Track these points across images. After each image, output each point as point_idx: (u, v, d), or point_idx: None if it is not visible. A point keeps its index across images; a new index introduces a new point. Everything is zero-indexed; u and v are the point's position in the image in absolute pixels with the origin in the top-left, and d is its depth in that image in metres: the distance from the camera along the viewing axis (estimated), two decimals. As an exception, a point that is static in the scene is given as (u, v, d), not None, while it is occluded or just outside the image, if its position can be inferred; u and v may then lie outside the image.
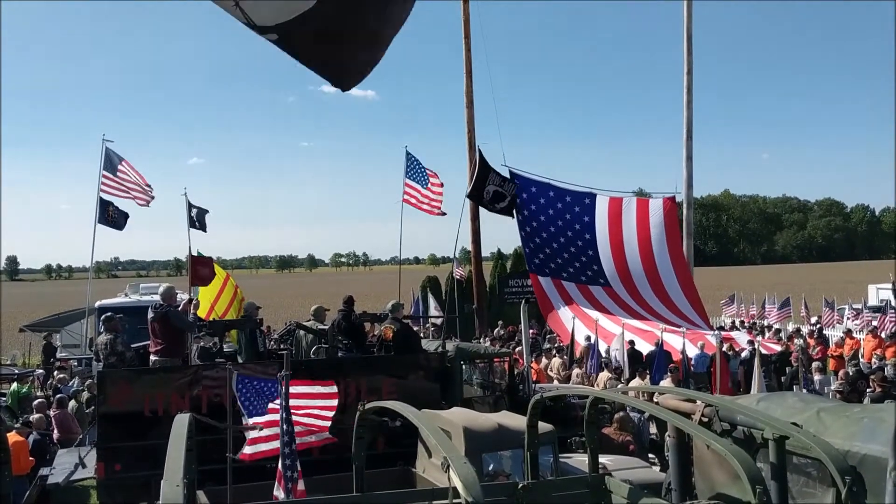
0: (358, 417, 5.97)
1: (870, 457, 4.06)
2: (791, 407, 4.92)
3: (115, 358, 11.06)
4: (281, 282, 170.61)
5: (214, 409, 9.56)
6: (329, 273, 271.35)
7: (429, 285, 33.78)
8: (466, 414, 8.91)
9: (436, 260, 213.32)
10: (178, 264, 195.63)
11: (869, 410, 4.71)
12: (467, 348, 13.54)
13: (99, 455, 10.32)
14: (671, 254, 22.26)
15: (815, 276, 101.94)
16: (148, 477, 8.94)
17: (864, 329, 27.54)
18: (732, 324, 32.47)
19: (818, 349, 22.41)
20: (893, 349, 21.27)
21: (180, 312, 11.44)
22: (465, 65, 25.49)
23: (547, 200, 21.94)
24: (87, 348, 22.77)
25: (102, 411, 10.48)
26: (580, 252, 22.10)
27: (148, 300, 17.75)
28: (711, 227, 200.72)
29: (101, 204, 20.47)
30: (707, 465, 5.32)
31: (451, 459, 3.66)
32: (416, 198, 19.84)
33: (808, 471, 4.43)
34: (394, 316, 12.43)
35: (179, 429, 4.19)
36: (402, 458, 9.04)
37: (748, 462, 3.89)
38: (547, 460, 8.05)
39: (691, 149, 23.69)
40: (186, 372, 10.72)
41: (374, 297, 56.99)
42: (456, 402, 11.11)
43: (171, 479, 3.44)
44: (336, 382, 10.74)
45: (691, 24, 23.56)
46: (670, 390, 8.50)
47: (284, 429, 5.32)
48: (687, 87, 23.63)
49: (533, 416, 5.87)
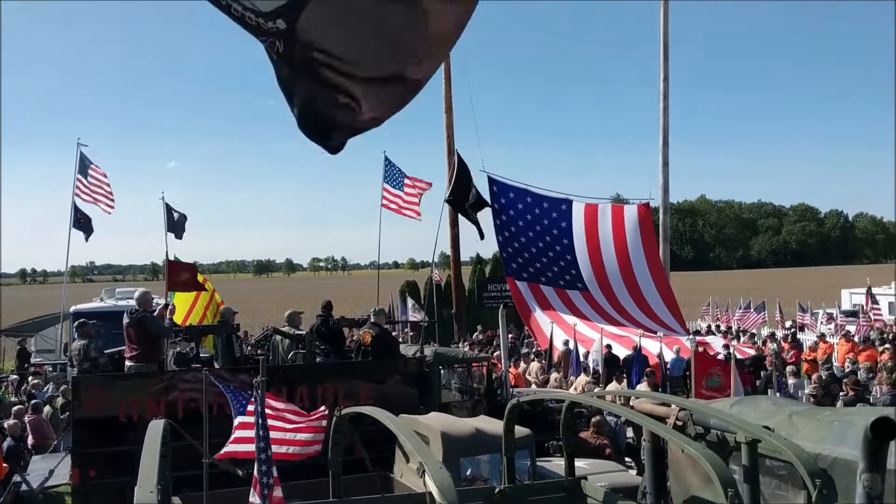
0: (334, 423, 5.97)
1: (840, 460, 4.12)
2: (764, 411, 4.99)
3: (89, 364, 10.97)
4: (259, 286, 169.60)
5: (190, 414, 9.50)
6: (307, 277, 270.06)
7: (408, 290, 33.71)
8: (444, 419, 8.93)
9: (415, 264, 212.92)
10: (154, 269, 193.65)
11: (839, 414, 4.78)
12: (445, 353, 13.57)
13: (74, 461, 10.23)
14: (647, 259, 22.39)
15: (789, 280, 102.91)
16: (123, 483, 8.85)
17: (837, 333, 27.86)
18: (708, 328, 32.71)
19: (792, 353, 22.64)
20: (866, 353, 21.55)
21: (156, 318, 11.36)
22: (444, 70, 25.53)
23: (524, 206, 22.00)
24: (62, 353, 22.54)
25: (77, 417, 10.40)
26: (558, 257, 22.17)
27: (124, 305, 17.63)
28: (688, 233, 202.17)
29: (76, 208, 20.33)
30: (681, 468, 5.37)
31: (426, 464, 3.67)
32: (394, 202, 19.87)
33: (781, 473, 4.49)
34: (373, 321, 12.42)
35: (153, 435, 4.17)
36: (380, 464, 9.03)
37: (720, 465, 3.94)
38: (524, 464, 8.08)
39: (667, 154, 23.86)
40: (162, 377, 10.66)
41: (353, 302, 56.81)
42: (434, 406, 11.13)
43: (144, 485, 3.43)
44: (313, 387, 10.86)
45: (668, 32, 23.73)
46: (646, 394, 8.56)
47: (260, 434, 5.30)
48: (663, 93, 23.80)
49: (509, 420, 5.91)
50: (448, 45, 3.74)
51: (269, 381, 8.21)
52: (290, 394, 10.63)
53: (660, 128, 23.90)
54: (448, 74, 25.51)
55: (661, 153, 23.90)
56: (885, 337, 26.37)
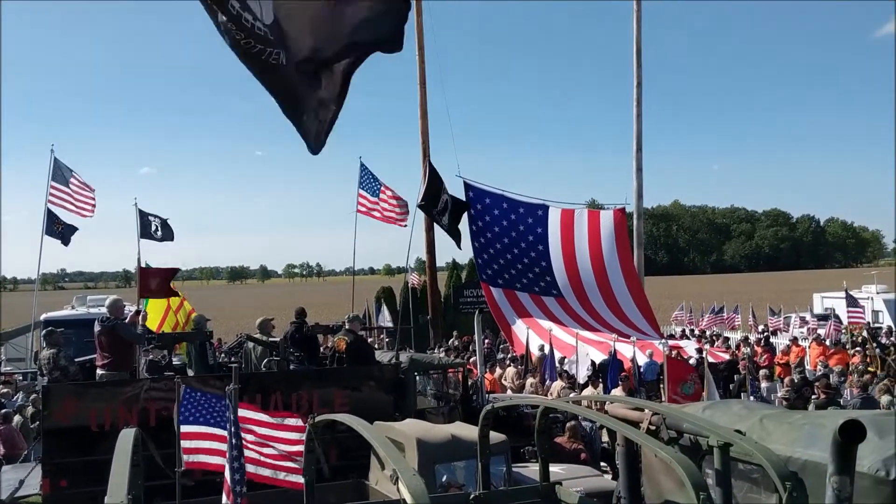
0: (308, 430, 5.93)
1: (810, 462, 4.16)
2: (736, 414, 5.02)
3: (59, 373, 10.84)
4: (233, 293, 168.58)
5: (163, 423, 9.40)
6: (282, 284, 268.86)
7: (383, 296, 33.65)
8: (420, 425, 8.92)
9: (391, 270, 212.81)
10: (127, 276, 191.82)
11: (810, 417, 4.82)
12: (421, 359, 13.54)
13: (44, 471, 10.07)
14: (622, 264, 22.49)
15: (762, 284, 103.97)
16: (95, 493, 8.71)
17: (809, 336, 28.16)
18: (682, 332, 32.94)
19: (765, 357, 22.85)
20: (837, 357, 21.81)
21: (128, 325, 11.25)
22: (419, 75, 25.55)
23: (500, 212, 22.02)
24: (32, 362, 22.24)
25: (47, 426, 10.24)
26: (533, 263, 22.21)
27: (95, 312, 17.43)
28: (662, 237, 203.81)
29: (49, 215, 20.08)
30: (655, 472, 5.39)
31: (399, 472, 3.66)
32: (370, 208, 19.82)
33: (753, 477, 4.52)
34: (348, 327, 12.38)
35: (124, 444, 4.12)
36: (356, 471, 9.00)
37: (692, 469, 3.96)
38: (500, 470, 8.08)
39: (641, 160, 24.02)
40: (134, 386, 10.53)
41: (328, 308, 56.63)
42: (409, 413, 11.10)
43: (114, 494, 3.38)
44: (288, 395, 10.79)
45: (640, 38, 23.91)
46: (620, 399, 8.60)
47: (233, 443, 5.26)
48: (636, 99, 23.96)
49: (484, 426, 5.90)
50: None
51: (243, 389, 8.17)
52: (264, 401, 10.56)
53: (633, 133, 24.07)
54: (423, 80, 25.53)
55: (635, 159, 24.05)
56: (856, 340, 26.72)
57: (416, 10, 25.05)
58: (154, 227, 19.16)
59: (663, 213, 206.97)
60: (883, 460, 3.82)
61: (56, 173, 19.96)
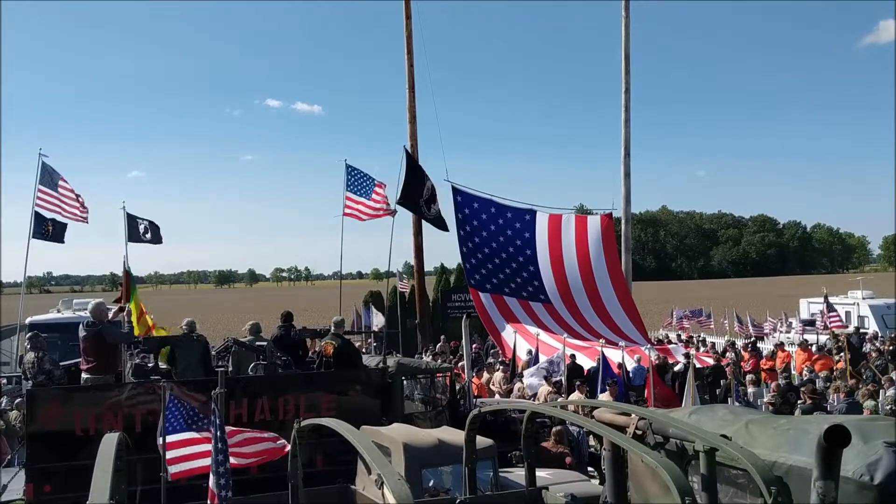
0: (294, 435, 5.91)
1: (795, 467, 4.17)
2: (721, 419, 5.03)
3: (44, 376, 10.73)
4: (220, 297, 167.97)
5: (149, 427, 9.32)
6: (270, 288, 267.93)
7: (371, 300, 33.56)
8: (407, 430, 8.90)
9: (379, 274, 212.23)
10: (113, 279, 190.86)
11: (795, 422, 4.84)
12: (408, 364, 13.51)
13: (28, 476, 9.99)
14: (609, 269, 22.58)
15: (749, 290, 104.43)
16: (79, 498, 8.63)
17: (795, 342, 28.26)
18: (667, 337, 33.05)
19: (751, 362, 22.92)
20: (822, 362, 21.89)
21: (113, 327, 11.16)
22: (408, 80, 25.56)
23: (489, 216, 22.06)
24: (17, 366, 22.05)
25: (31, 431, 10.16)
26: (521, 268, 22.25)
27: (82, 316, 17.33)
28: (650, 243, 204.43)
29: (37, 218, 19.93)
30: (641, 477, 5.40)
31: (384, 476, 3.65)
32: (358, 210, 19.71)
33: (739, 481, 4.53)
34: (335, 332, 12.34)
35: (107, 449, 4.10)
36: (342, 476, 8.96)
37: (677, 474, 3.97)
38: (487, 475, 8.07)
39: (629, 166, 24.14)
40: (120, 390, 10.46)
41: (316, 313, 56.54)
42: (397, 417, 11.08)
43: (97, 499, 3.36)
44: (275, 399, 10.75)
45: (629, 45, 24.06)
46: (607, 404, 8.60)
47: (219, 447, 5.23)
48: (624, 105, 24.07)
49: (471, 430, 5.89)
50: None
51: (230, 393, 8.14)
52: (251, 406, 10.53)
53: (621, 139, 24.18)
54: (412, 84, 25.55)
55: (623, 164, 24.16)
56: (841, 346, 26.80)
57: (405, 14, 25.10)
58: (143, 229, 19.07)
59: (651, 219, 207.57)
60: (867, 465, 3.83)
61: (44, 177, 19.82)
